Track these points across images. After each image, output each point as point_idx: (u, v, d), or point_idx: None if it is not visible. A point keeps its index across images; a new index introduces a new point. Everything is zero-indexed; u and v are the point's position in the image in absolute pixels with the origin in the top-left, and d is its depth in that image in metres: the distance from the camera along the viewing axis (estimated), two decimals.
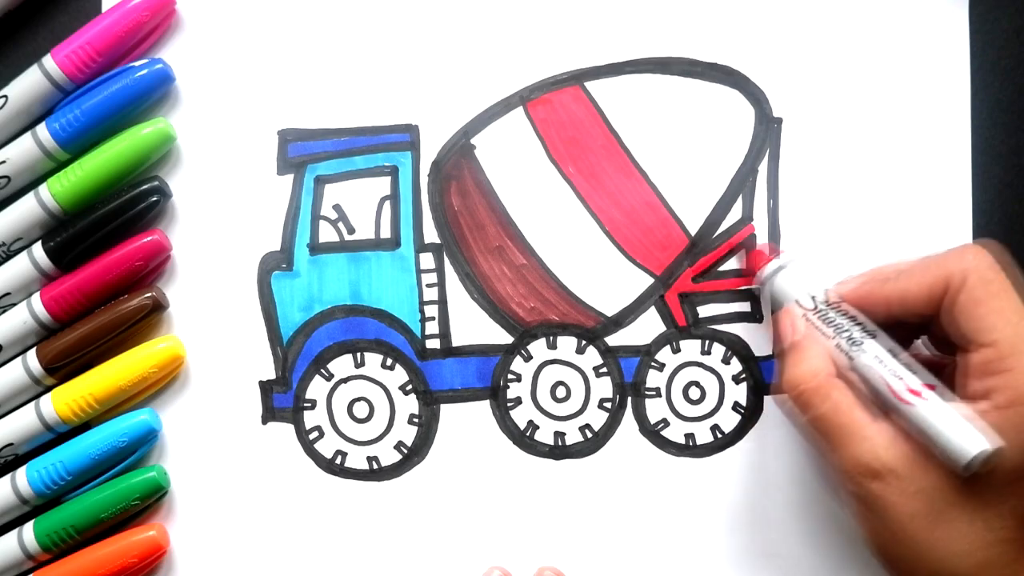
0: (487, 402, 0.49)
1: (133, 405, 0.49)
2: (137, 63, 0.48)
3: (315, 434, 0.49)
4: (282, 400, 0.49)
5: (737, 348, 0.48)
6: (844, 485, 0.40)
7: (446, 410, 0.49)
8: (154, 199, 0.48)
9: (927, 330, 0.43)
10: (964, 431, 0.38)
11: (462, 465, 0.49)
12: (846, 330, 0.42)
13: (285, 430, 0.49)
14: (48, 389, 0.49)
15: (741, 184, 0.48)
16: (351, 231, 0.49)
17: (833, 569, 0.48)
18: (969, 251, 0.40)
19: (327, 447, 0.49)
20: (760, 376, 0.48)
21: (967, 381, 0.39)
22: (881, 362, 0.41)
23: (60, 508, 0.48)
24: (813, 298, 0.43)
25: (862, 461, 0.39)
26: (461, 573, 0.49)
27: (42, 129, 0.48)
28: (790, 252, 0.47)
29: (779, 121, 0.48)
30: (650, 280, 0.49)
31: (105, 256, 0.48)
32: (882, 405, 0.40)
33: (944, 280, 0.40)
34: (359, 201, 0.49)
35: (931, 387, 0.39)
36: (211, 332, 0.50)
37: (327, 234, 0.49)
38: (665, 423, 0.49)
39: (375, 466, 0.49)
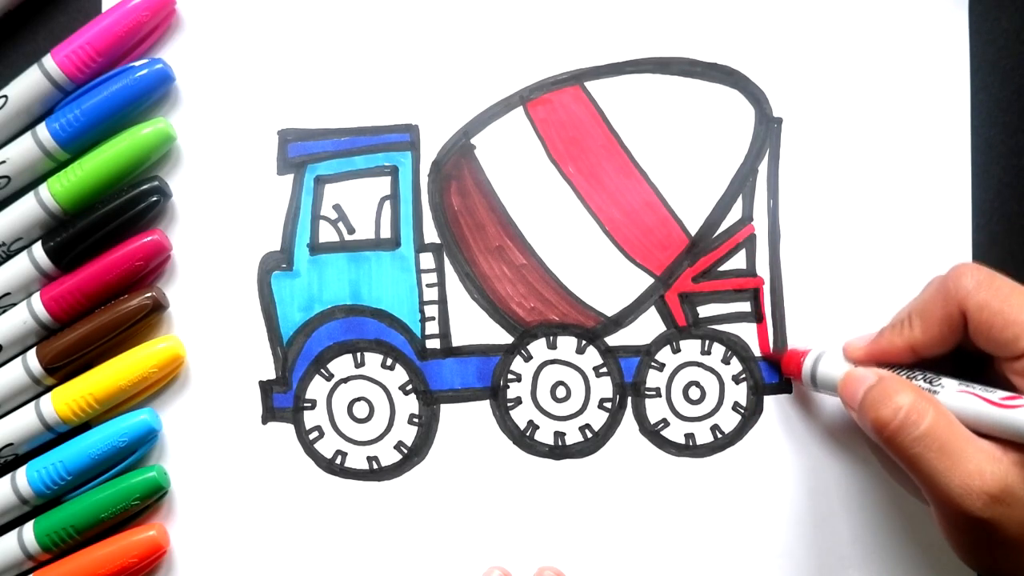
0: (487, 402, 0.49)
1: (133, 405, 0.49)
2: (137, 63, 0.48)
3: (315, 434, 0.49)
4: (282, 400, 0.49)
5: (737, 348, 0.48)
6: (954, 510, 0.38)
7: (446, 410, 0.49)
8: (154, 199, 0.48)
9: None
10: None
11: (462, 465, 0.49)
12: (917, 376, 0.42)
13: (285, 430, 0.49)
14: (48, 389, 0.49)
15: (741, 184, 0.48)
16: (351, 231, 0.49)
17: (833, 569, 0.48)
18: (952, 277, 0.41)
19: (327, 447, 0.49)
20: (760, 376, 0.48)
21: (1019, 382, 0.39)
22: (968, 387, 0.40)
23: (60, 508, 0.48)
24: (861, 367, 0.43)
25: (975, 482, 0.37)
26: (461, 573, 0.49)
27: (42, 129, 0.48)
28: (816, 345, 0.47)
29: (779, 121, 0.48)
30: (650, 280, 0.49)
31: (105, 256, 0.48)
32: (981, 429, 0.39)
33: (949, 315, 0.40)
34: (359, 201, 0.49)
35: (1018, 396, 0.39)
36: (211, 332, 0.49)
37: (327, 234, 0.49)
38: (665, 423, 0.49)
39: (375, 466, 0.49)
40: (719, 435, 0.49)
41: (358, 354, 0.49)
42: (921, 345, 0.42)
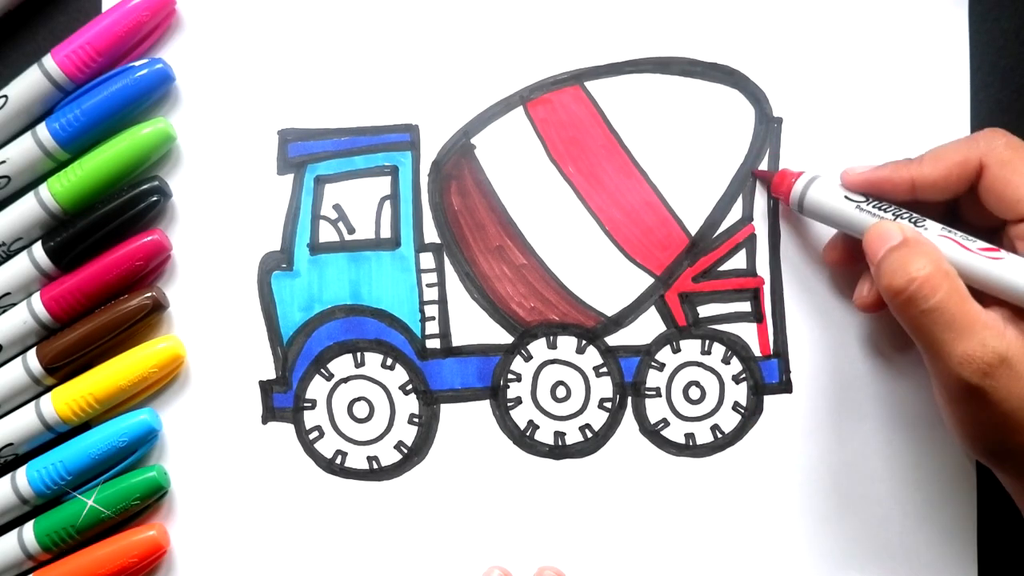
0: (487, 402, 0.49)
1: (133, 405, 0.49)
2: (137, 63, 0.48)
3: (315, 434, 0.49)
4: (282, 400, 0.49)
5: (737, 348, 0.48)
6: (952, 379, 0.39)
7: (446, 410, 0.49)
8: (154, 199, 0.48)
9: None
10: None
11: (462, 465, 0.49)
12: (903, 215, 0.42)
13: (285, 430, 0.49)
14: (48, 389, 0.49)
15: (741, 184, 0.48)
16: (351, 231, 0.49)
17: (833, 569, 0.48)
18: (984, 134, 0.42)
19: (327, 447, 0.49)
20: (760, 376, 0.48)
21: (1020, 247, 0.41)
22: (950, 233, 0.41)
23: (60, 508, 0.48)
24: (854, 198, 0.44)
25: (976, 353, 0.38)
26: (461, 573, 0.49)
27: (42, 129, 0.48)
28: (812, 167, 0.47)
29: (779, 121, 0.48)
30: (650, 280, 0.49)
31: (105, 256, 0.48)
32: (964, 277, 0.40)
33: (966, 159, 0.41)
34: (359, 201, 0.49)
35: (996, 249, 0.41)
36: (211, 332, 0.49)
37: (327, 234, 0.49)
38: (665, 423, 0.49)
39: (375, 466, 0.49)
40: (719, 435, 0.49)
41: (358, 354, 0.49)
42: (924, 182, 0.43)
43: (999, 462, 0.41)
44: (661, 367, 0.49)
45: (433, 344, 0.49)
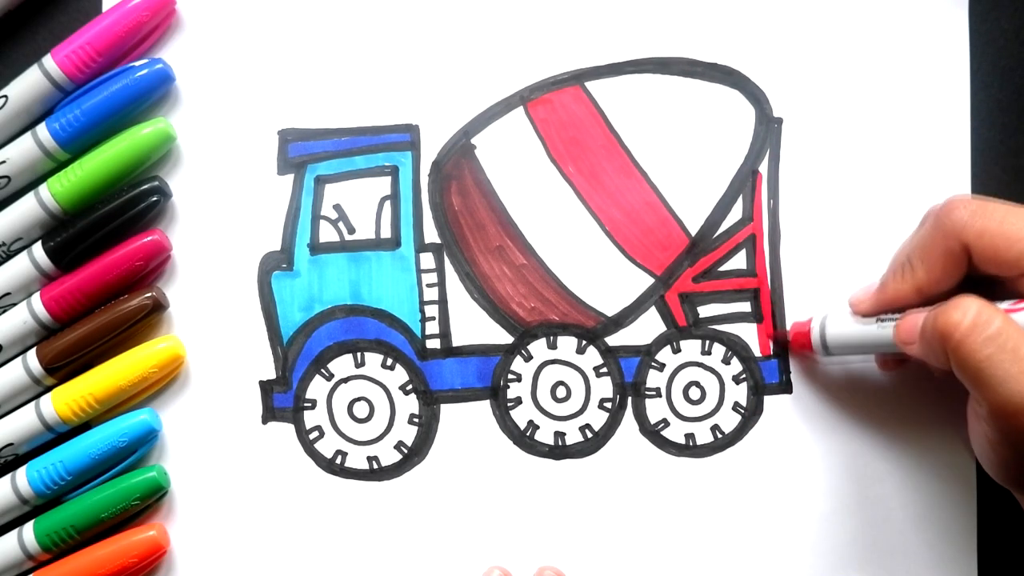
0: (487, 402, 0.49)
1: (133, 405, 0.49)
2: (137, 63, 0.48)
3: (315, 434, 0.49)
4: (282, 400, 0.49)
5: (737, 348, 0.48)
6: (1009, 417, 0.38)
7: (446, 410, 0.49)
8: (154, 199, 0.48)
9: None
10: None
11: (462, 465, 0.49)
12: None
13: (285, 430, 0.49)
14: (48, 389, 0.49)
15: (741, 184, 0.48)
16: (351, 231, 0.49)
17: (833, 569, 0.48)
18: (946, 215, 0.41)
19: (327, 447, 0.49)
20: (760, 376, 0.48)
21: None
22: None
23: (60, 508, 0.48)
24: (871, 321, 0.44)
25: (1013, 398, 0.37)
26: (461, 573, 0.49)
27: (42, 129, 0.48)
28: (817, 310, 0.47)
29: (779, 121, 0.48)
30: (650, 280, 0.49)
31: (105, 256, 0.48)
32: None
33: (949, 249, 0.41)
34: (359, 201, 0.49)
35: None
36: (211, 332, 0.49)
37: (327, 234, 0.49)
38: (665, 423, 0.49)
39: (375, 466, 0.49)
40: (719, 435, 0.49)
41: (358, 354, 0.49)
42: (927, 286, 0.42)
43: None
44: (661, 367, 0.49)
45: (433, 344, 0.49)
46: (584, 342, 0.49)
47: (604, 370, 0.49)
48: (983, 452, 0.41)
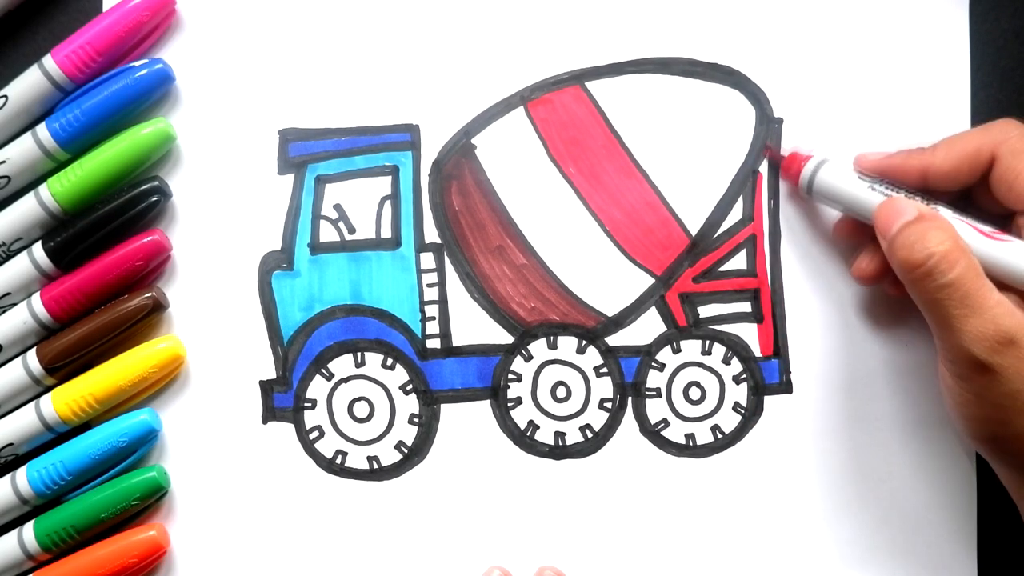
0: (487, 402, 0.49)
1: (133, 405, 0.49)
2: (137, 63, 0.48)
3: (315, 434, 0.49)
4: (282, 400, 0.49)
5: (737, 348, 0.48)
6: (962, 354, 0.39)
7: (446, 410, 0.49)
8: (154, 199, 0.48)
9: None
10: None
11: (462, 465, 0.49)
12: (915, 198, 0.42)
13: (285, 430, 0.49)
14: (48, 389, 0.49)
15: (742, 184, 0.48)
16: (352, 231, 0.49)
17: (833, 569, 0.48)
18: (998, 124, 0.42)
19: (327, 447, 0.49)
20: (760, 377, 0.48)
21: None
22: (960, 217, 0.42)
23: (60, 508, 0.48)
24: (866, 180, 0.44)
25: (987, 330, 0.38)
26: (461, 573, 0.49)
27: (42, 129, 0.48)
28: (821, 151, 0.47)
29: (780, 121, 0.48)
30: (650, 280, 0.49)
31: (105, 256, 0.48)
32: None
33: (979, 149, 0.42)
34: (360, 201, 0.49)
35: (1006, 235, 0.41)
36: (211, 332, 0.49)
37: (328, 234, 0.49)
38: (665, 423, 0.49)
39: (375, 466, 0.49)
40: (719, 435, 0.49)
41: (358, 354, 0.49)
42: (935, 171, 0.43)
43: (998, 448, 0.41)
44: (661, 367, 0.49)
45: (433, 344, 0.49)
46: (584, 342, 0.49)
47: (604, 370, 0.49)
48: (952, 409, 0.42)
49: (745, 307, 0.48)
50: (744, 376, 0.48)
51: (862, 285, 0.47)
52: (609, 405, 0.49)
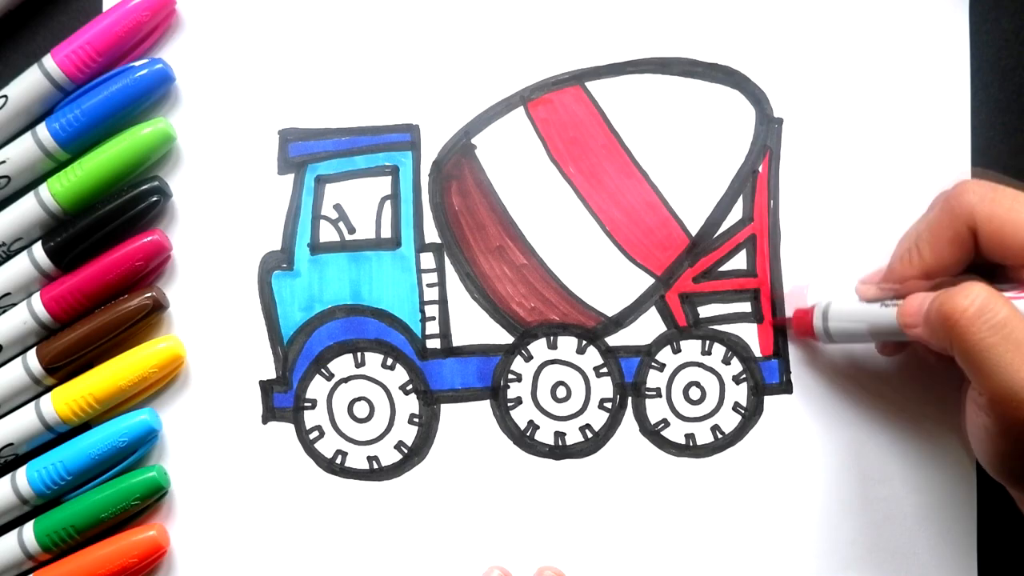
0: (487, 402, 0.49)
1: (133, 405, 0.49)
2: (137, 63, 0.48)
3: (315, 434, 0.49)
4: (282, 400, 0.49)
5: (738, 348, 0.48)
6: (1011, 404, 0.37)
7: (446, 410, 0.49)
8: (154, 199, 0.48)
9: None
10: None
11: (462, 465, 0.49)
12: None
13: (285, 430, 0.49)
14: (48, 389, 0.49)
15: (742, 184, 0.48)
16: (352, 231, 0.49)
17: (833, 569, 0.48)
18: (957, 196, 0.41)
19: (327, 447, 0.49)
20: (760, 377, 0.48)
21: None
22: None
23: (60, 508, 0.48)
24: (875, 304, 0.44)
25: (1014, 388, 0.37)
26: (461, 573, 0.49)
27: (42, 129, 0.48)
28: (813, 286, 0.47)
29: (779, 121, 0.48)
30: (650, 280, 0.49)
31: (105, 256, 0.48)
32: None
33: (957, 233, 0.41)
34: (360, 201, 0.49)
35: None
36: (211, 332, 0.49)
37: (328, 234, 0.49)
38: (665, 423, 0.49)
39: (375, 466, 0.49)
40: (719, 435, 0.49)
41: (358, 354, 0.49)
42: (934, 270, 0.42)
43: (1017, 480, 0.41)
44: (661, 367, 0.49)
45: (433, 344, 0.49)
46: (584, 342, 0.49)
47: (604, 370, 0.49)
48: (980, 444, 0.41)
49: (745, 307, 0.48)
50: (744, 376, 0.48)
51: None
52: (609, 405, 0.49)
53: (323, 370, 0.49)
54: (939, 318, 0.39)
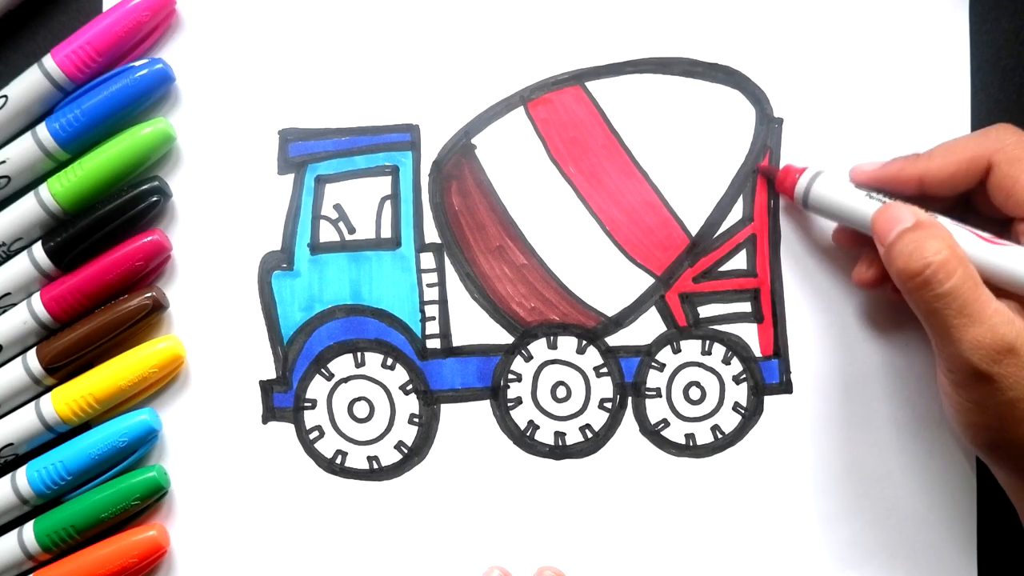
0: (487, 402, 0.49)
1: (133, 405, 0.49)
2: (137, 63, 0.48)
3: (315, 434, 0.49)
4: (282, 400, 0.49)
5: (737, 348, 0.48)
6: (961, 364, 0.39)
7: (446, 410, 0.49)
8: (154, 199, 0.48)
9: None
10: None
11: (462, 465, 0.49)
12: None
13: (285, 430, 0.49)
14: (48, 389, 0.49)
15: (742, 184, 0.48)
16: (352, 231, 0.49)
17: (833, 569, 0.48)
18: (995, 129, 0.42)
19: (327, 447, 0.49)
20: (760, 377, 0.48)
21: None
22: (958, 224, 0.41)
23: (60, 508, 0.48)
24: (863, 190, 0.44)
25: (986, 339, 0.38)
26: (461, 573, 0.49)
27: (42, 129, 0.48)
28: (816, 164, 0.47)
29: (780, 121, 0.48)
30: (651, 280, 0.49)
31: (105, 256, 0.48)
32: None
33: (975, 156, 0.42)
34: (360, 201, 0.49)
35: (1004, 240, 0.41)
36: (211, 332, 0.49)
37: (328, 234, 0.49)
38: (665, 423, 0.49)
39: (375, 466, 0.49)
40: (719, 435, 0.49)
41: (358, 354, 0.49)
42: (932, 179, 0.43)
43: (997, 455, 0.41)
44: (661, 367, 0.49)
45: (433, 344, 0.49)
46: (584, 342, 0.49)
47: (604, 370, 0.49)
48: (952, 413, 0.42)
49: (745, 307, 0.48)
50: (744, 376, 0.48)
51: (863, 289, 0.47)
52: (609, 405, 0.49)
53: (323, 370, 0.49)
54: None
